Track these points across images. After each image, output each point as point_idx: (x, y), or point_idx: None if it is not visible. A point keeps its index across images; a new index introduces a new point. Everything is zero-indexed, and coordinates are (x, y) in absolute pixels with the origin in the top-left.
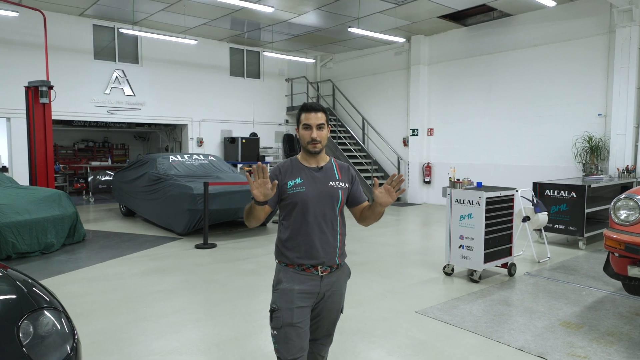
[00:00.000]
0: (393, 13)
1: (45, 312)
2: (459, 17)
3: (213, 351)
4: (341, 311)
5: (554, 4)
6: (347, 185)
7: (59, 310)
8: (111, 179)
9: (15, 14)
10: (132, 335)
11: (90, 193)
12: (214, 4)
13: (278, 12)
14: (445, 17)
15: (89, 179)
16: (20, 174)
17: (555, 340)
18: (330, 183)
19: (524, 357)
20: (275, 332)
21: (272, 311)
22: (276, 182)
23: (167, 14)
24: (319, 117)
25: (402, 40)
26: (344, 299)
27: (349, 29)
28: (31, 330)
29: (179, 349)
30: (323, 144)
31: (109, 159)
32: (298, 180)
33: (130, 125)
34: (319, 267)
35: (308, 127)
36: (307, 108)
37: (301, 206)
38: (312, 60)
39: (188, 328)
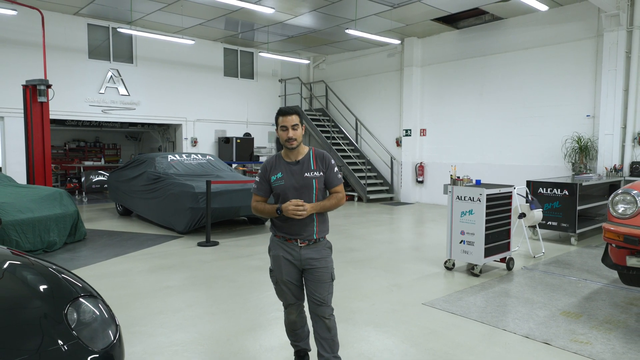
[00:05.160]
0: (388, 15)
1: (83, 299)
2: (452, 20)
3: (232, 342)
4: (332, 278)
5: (546, 8)
6: (321, 173)
7: (96, 297)
8: (104, 179)
9: (13, 12)
10: (151, 329)
11: (84, 193)
12: (212, 5)
13: (275, 13)
14: (438, 20)
15: (82, 179)
16: (15, 173)
17: (558, 328)
18: (306, 174)
19: (530, 343)
20: (275, 286)
21: (270, 271)
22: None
23: (163, 14)
24: (293, 119)
25: (397, 42)
26: (332, 267)
27: (347, 31)
28: (75, 317)
29: (199, 340)
30: (298, 141)
31: (102, 159)
32: (279, 175)
33: (123, 124)
34: (298, 240)
35: (285, 128)
36: (282, 112)
37: (282, 195)
38: (307, 61)
39: (204, 321)
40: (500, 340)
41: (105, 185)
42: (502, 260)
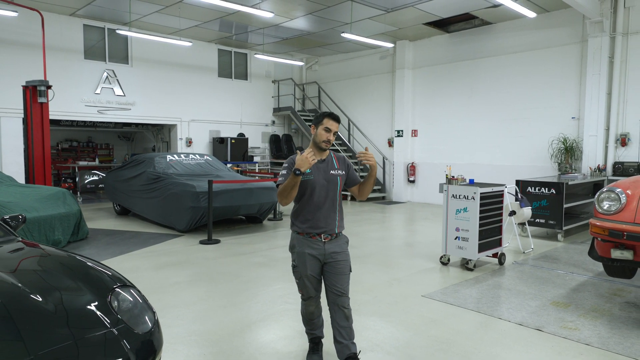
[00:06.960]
0: (382, 19)
1: (119, 290)
2: (442, 24)
3: (247, 332)
4: (350, 270)
5: (534, 14)
6: (343, 172)
7: (130, 286)
8: (98, 178)
9: (14, 14)
10: (168, 320)
11: (79, 193)
12: (210, 7)
13: (272, 16)
14: (429, 24)
15: (77, 179)
16: (12, 174)
17: (548, 316)
18: (331, 171)
19: (524, 330)
20: (297, 280)
21: (293, 267)
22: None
23: (160, 16)
24: (337, 126)
25: (389, 45)
26: (349, 259)
27: (342, 34)
28: (116, 304)
29: (214, 330)
30: (331, 145)
31: (96, 159)
32: (307, 171)
33: (117, 125)
34: (321, 235)
35: (328, 130)
36: (332, 117)
37: (310, 189)
38: (301, 63)
39: (217, 314)
40: (496, 327)
41: (101, 185)
42: (495, 255)
